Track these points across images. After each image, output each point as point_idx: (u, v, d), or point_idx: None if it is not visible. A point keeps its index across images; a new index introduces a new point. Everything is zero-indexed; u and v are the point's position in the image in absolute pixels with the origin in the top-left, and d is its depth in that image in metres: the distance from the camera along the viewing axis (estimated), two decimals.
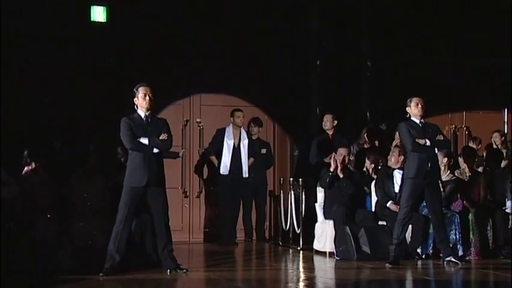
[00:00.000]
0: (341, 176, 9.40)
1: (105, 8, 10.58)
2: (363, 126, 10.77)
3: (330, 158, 9.60)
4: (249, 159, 10.61)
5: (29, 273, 7.67)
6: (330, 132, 10.46)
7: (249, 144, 10.66)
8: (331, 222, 9.26)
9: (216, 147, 10.68)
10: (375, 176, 9.63)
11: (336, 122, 10.46)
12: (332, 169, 9.40)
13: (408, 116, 8.43)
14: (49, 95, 10.18)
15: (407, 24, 11.42)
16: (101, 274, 7.51)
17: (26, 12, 10.04)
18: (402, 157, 8.96)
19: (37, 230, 8.23)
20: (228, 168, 10.53)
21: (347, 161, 9.55)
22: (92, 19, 10.56)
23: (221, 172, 10.57)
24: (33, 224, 8.27)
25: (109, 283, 7.34)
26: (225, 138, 10.60)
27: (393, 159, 9.24)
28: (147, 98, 7.71)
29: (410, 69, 11.51)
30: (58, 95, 10.18)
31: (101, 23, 10.57)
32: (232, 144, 10.57)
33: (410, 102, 8.40)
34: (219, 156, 10.62)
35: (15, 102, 9.85)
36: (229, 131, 10.66)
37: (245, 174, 10.58)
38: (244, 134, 10.68)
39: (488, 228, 9.11)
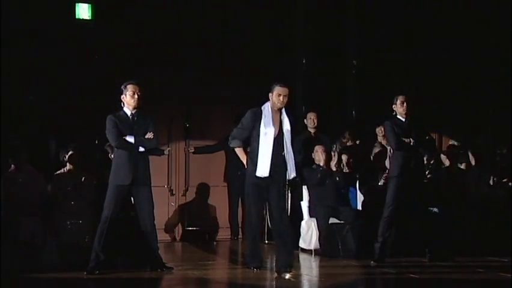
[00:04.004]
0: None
1: (90, 5, 10.55)
2: (348, 125, 10.78)
3: (316, 152, 9.62)
4: (300, 153, 7.84)
5: (14, 272, 7.61)
6: (313, 131, 10.45)
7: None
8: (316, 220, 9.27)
9: (246, 136, 7.65)
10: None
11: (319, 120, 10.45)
12: (321, 164, 9.44)
13: (394, 113, 8.46)
14: (33, 92, 10.12)
15: (393, 23, 11.45)
16: (85, 273, 7.48)
17: (10, 9, 9.97)
18: None
19: (22, 229, 8.19)
20: (269, 169, 7.47)
21: (325, 157, 9.56)
22: (77, 16, 10.52)
23: (258, 174, 7.46)
24: (19, 223, 8.23)
25: (94, 282, 7.31)
26: (261, 126, 7.48)
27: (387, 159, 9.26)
28: (135, 96, 7.69)
29: (396, 68, 11.54)
30: (42, 92, 10.12)
31: (86, 20, 10.54)
32: (273, 135, 7.48)
33: (396, 100, 8.42)
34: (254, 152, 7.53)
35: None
36: (268, 114, 7.50)
37: (291, 174, 7.61)
38: (286, 118, 7.55)
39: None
